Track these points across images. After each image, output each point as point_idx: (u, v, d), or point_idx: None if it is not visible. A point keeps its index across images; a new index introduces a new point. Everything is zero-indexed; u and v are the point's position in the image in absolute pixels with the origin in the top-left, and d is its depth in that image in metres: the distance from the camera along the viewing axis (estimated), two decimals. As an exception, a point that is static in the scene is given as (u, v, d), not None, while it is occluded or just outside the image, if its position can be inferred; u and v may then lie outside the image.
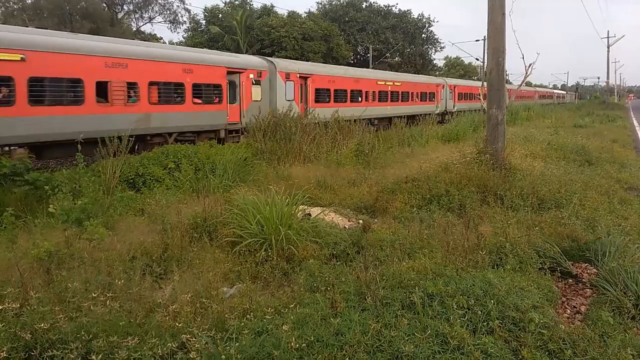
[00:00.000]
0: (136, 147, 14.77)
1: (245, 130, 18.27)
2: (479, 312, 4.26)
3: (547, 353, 3.91)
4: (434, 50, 67.21)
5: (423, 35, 64.26)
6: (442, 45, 68.66)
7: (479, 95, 38.56)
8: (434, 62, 70.96)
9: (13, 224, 7.06)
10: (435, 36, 66.36)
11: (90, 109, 13.88)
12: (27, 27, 21.17)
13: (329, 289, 4.87)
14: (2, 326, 3.76)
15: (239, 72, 18.85)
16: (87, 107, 13.83)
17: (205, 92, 17.37)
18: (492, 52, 11.77)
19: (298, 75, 22.41)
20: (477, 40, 51.72)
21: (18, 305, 4.08)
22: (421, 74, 49.91)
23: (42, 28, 21.29)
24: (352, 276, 5.19)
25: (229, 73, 18.25)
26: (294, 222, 6.91)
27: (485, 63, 37.51)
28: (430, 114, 26.45)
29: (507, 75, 25.70)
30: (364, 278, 4.94)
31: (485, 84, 19.31)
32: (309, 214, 8.00)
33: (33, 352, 3.61)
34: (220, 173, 11.38)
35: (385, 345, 3.76)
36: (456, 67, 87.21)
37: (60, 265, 5.29)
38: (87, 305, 4.12)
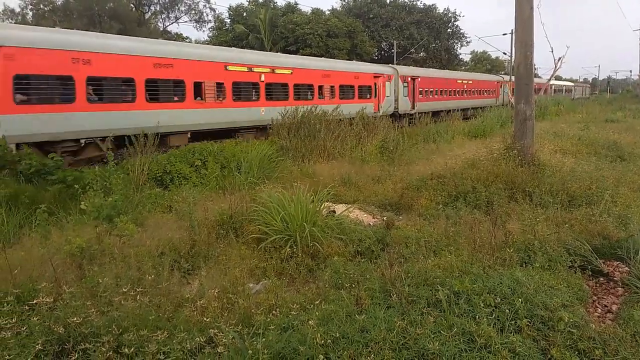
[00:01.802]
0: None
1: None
2: (507, 310, 4.20)
3: (576, 352, 3.83)
4: (459, 45, 66.25)
5: (448, 30, 63.36)
6: (468, 39, 67.81)
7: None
8: (460, 56, 69.96)
9: (46, 220, 7.29)
10: (461, 31, 65.45)
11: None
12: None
13: (353, 286, 4.88)
14: (37, 320, 3.88)
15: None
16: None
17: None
18: (519, 46, 11.53)
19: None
20: (504, 34, 50.67)
21: (52, 299, 4.20)
22: (447, 69, 49.27)
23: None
24: (377, 273, 5.18)
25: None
26: (319, 219, 6.93)
27: (513, 57, 36.82)
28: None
29: (535, 69, 25.09)
30: (389, 275, 4.93)
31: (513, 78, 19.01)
32: (334, 211, 8.02)
33: (66, 345, 3.72)
34: (245, 170, 11.49)
35: (410, 343, 3.75)
36: (483, 62, 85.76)
37: (92, 260, 5.43)
38: (118, 299, 4.22)
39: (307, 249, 6.39)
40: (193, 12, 55.01)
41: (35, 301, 4.12)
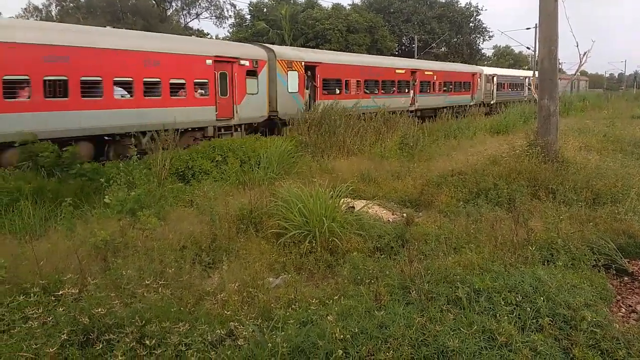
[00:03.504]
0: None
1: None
2: (528, 309, 4.15)
3: (599, 352, 3.77)
4: (482, 40, 65.31)
5: (470, 24, 62.51)
6: (490, 34, 66.59)
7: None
8: (482, 51, 68.98)
9: (71, 213, 7.46)
10: (484, 25, 64.43)
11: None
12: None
13: (373, 281, 4.88)
14: (63, 310, 3.99)
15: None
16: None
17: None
18: (543, 41, 11.32)
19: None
20: (527, 29, 49.90)
21: (77, 290, 4.30)
22: (468, 64, 48.63)
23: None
24: (396, 269, 5.17)
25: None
26: (338, 214, 6.94)
27: (537, 52, 36.01)
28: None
29: (559, 64, 24.58)
30: (409, 272, 4.92)
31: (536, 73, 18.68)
32: (353, 207, 8.02)
33: (91, 335, 3.81)
34: (265, 166, 11.56)
35: (430, 340, 3.74)
36: (505, 57, 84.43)
37: (115, 253, 5.55)
38: (141, 291, 4.31)
39: (326, 244, 6.42)
40: (214, 8, 55.37)
41: (60, 292, 4.22)
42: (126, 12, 46.24)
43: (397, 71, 26.59)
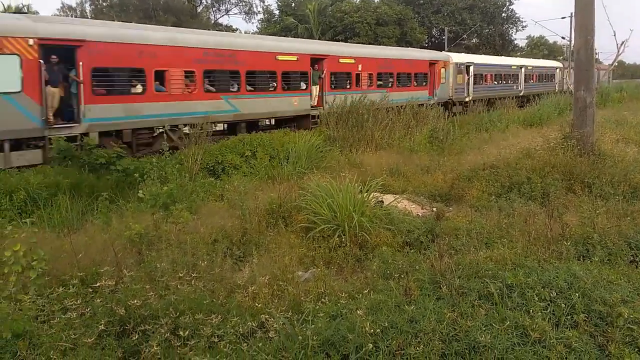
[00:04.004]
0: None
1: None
2: (563, 305, 4.06)
3: (636, 350, 3.67)
4: (515, 30, 63.67)
5: (503, 14, 61.02)
6: (524, 24, 64.99)
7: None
8: (515, 42, 67.28)
9: (107, 208, 7.69)
10: (517, 15, 62.80)
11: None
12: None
13: (402, 276, 4.86)
14: (100, 301, 4.13)
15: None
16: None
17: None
18: (579, 30, 10.97)
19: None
20: (562, 18, 48.31)
21: (113, 282, 4.44)
22: (501, 55, 47.54)
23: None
24: (426, 264, 5.13)
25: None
26: (367, 209, 6.93)
27: (572, 42, 34.70)
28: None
29: (596, 54, 23.76)
30: (439, 267, 4.87)
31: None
32: (382, 201, 7.99)
33: (127, 326, 3.93)
34: (293, 160, 11.63)
35: (461, 335, 3.70)
36: (540, 47, 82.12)
37: (150, 246, 5.69)
38: (175, 284, 4.41)
39: (355, 238, 6.42)
40: (243, 4, 55.74)
41: (98, 284, 4.37)
42: (157, 9, 47.07)
43: (280, 57, 17.14)
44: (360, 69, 20.63)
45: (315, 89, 18.77)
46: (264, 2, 62.62)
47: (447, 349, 3.58)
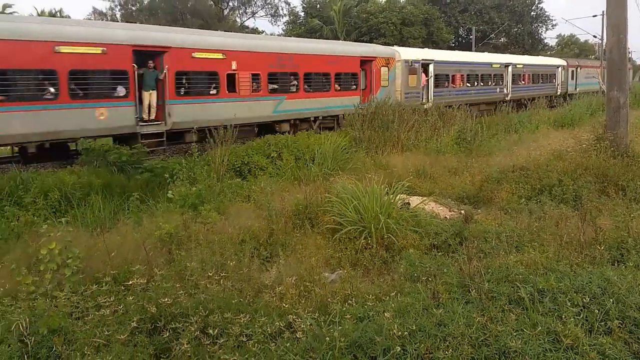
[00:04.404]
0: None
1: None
2: (596, 311, 3.96)
3: (674, 358, 3.55)
4: (544, 29, 62.38)
5: (532, 13, 59.85)
6: (553, 22, 63.54)
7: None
8: (545, 41, 65.89)
9: (138, 207, 7.86)
10: (546, 13, 61.57)
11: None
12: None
13: (430, 279, 4.82)
14: (132, 299, 4.23)
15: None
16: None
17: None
18: (611, 29, 10.68)
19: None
20: (594, 16, 47.03)
21: (145, 281, 4.54)
22: (529, 54, 46.60)
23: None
24: (455, 268, 5.08)
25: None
26: (393, 211, 6.90)
27: (604, 41, 33.67)
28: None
29: (629, 52, 23.07)
30: (468, 270, 4.81)
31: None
32: (408, 203, 7.93)
33: (158, 323, 4.01)
34: (319, 161, 11.65)
35: (491, 340, 3.65)
36: (570, 46, 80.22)
37: (179, 245, 5.80)
38: (204, 283, 4.49)
39: (381, 240, 6.39)
40: (269, 6, 56.17)
41: (130, 282, 4.48)
42: (185, 12, 47.84)
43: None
44: (234, 67, 15.26)
45: (148, 96, 13.59)
46: (289, 4, 62.85)
47: (477, 353, 3.54)
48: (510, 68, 29.84)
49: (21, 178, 9.07)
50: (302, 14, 52.84)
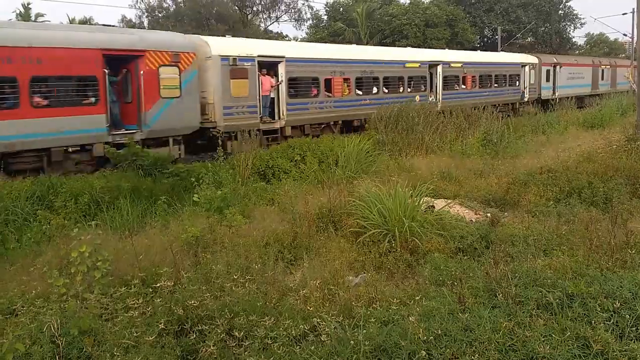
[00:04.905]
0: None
1: None
2: (627, 316, 3.87)
3: None
4: (572, 28, 60.97)
5: (560, 11, 58.63)
6: (582, 21, 61.98)
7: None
8: (573, 40, 64.42)
9: (165, 211, 8.00)
10: (574, 12, 60.12)
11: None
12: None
13: (455, 283, 4.77)
14: (160, 301, 4.31)
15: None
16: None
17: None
18: (644, 26, 10.28)
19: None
20: (624, 14, 45.79)
21: (172, 283, 4.63)
22: (558, 54, 45.66)
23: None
24: (481, 272, 5.02)
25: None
26: (418, 214, 6.85)
27: (635, 39, 32.54)
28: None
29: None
30: (494, 274, 4.74)
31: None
32: (433, 206, 7.86)
33: (185, 325, 4.08)
34: (343, 165, 11.65)
35: (518, 345, 3.59)
36: (599, 45, 78.28)
37: (205, 248, 5.89)
38: (229, 286, 4.55)
39: (405, 244, 6.35)
40: (292, 11, 56.48)
41: (158, 284, 4.56)
42: (210, 18, 48.52)
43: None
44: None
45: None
46: (312, 8, 63.13)
47: (504, 359, 3.49)
48: (439, 68, 22.45)
49: (51, 182, 9.32)
50: (325, 17, 52.98)
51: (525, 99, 28.38)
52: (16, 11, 48.07)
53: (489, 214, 7.93)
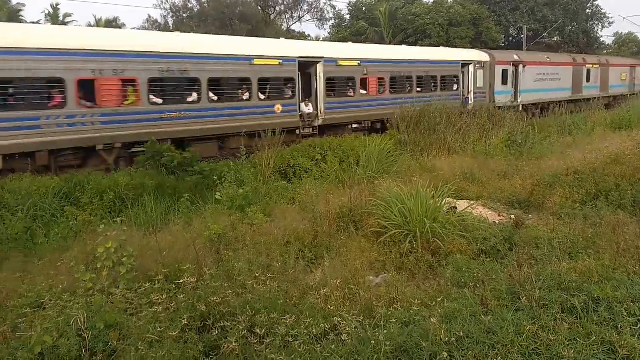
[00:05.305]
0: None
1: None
2: (656, 322, 3.77)
3: None
4: (600, 27, 59.55)
5: (587, 10, 57.34)
6: (610, 20, 60.49)
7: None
8: (601, 39, 62.91)
9: (188, 208, 8.11)
10: (602, 10, 58.74)
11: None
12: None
13: (478, 285, 4.72)
14: (183, 297, 4.37)
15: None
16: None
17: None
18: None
19: None
20: (656, 11, 44.23)
21: (195, 279, 4.69)
22: (585, 53, 44.62)
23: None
24: (504, 274, 4.95)
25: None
26: (440, 215, 6.80)
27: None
28: None
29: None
30: (518, 277, 4.68)
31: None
32: (455, 207, 7.79)
33: (207, 321, 4.13)
34: (364, 164, 11.62)
35: (542, 349, 3.54)
36: (628, 44, 76.27)
37: (227, 246, 5.95)
38: (251, 283, 4.59)
39: (427, 245, 6.32)
40: (315, 10, 56.53)
41: (181, 280, 4.63)
42: (233, 18, 48.93)
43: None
44: None
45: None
46: (335, 7, 63.04)
47: (527, 362, 3.44)
48: (319, 68, 16.73)
49: (78, 179, 9.53)
50: (347, 16, 52.87)
51: (469, 107, 20.93)
52: (45, 12, 49.29)
53: (513, 216, 7.81)
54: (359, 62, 17.97)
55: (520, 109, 23.53)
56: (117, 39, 12.83)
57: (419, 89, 20.22)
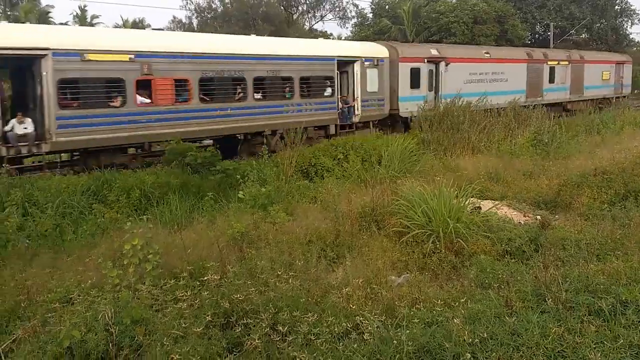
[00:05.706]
0: None
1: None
2: (687, 326, 3.66)
3: None
4: (630, 24, 57.89)
5: (616, 6, 55.83)
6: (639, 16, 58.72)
7: None
8: (630, 36, 61.15)
9: (212, 207, 8.21)
10: (632, 7, 57.02)
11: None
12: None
13: (502, 286, 4.66)
14: (207, 294, 4.43)
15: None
16: None
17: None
18: None
19: None
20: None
21: (218, 277, 4.75)
22: (614, 51, 43.44)
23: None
24: (529, 275, 4.87)
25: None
26: (463, 215, 6.72)
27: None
28: None
29: None
30: (544, 278, 4.60)
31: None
32: (479, 207, 7.69)
33: (231, 318, 4.18)
34: (386, 164, 11.56)
35: (568, 351, 3.48)
36: (659, 41, 73.96)
37: (250, 244, 6.01)
38: (273, 281, 4.63)
39: (450, 245, 6.26)
40: (337, 9, 56.47)
41: (205, 278, 4.69)
42: (256, 18, 49.27)
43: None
44: None
45: None
46: (357, 6, 62.89)
47: (553, 365, 3.39)
48: (45, 62, 10.99)
49: (105, 178, 9.74)
50: (370, 15, 52.67)
51: (355, 119, 17.58)
52: (73, 13, 50.48)
53: (538, 217, 7.68)
54: (135, 54, 12.17)
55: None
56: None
57: (258, 96, 14.99)
